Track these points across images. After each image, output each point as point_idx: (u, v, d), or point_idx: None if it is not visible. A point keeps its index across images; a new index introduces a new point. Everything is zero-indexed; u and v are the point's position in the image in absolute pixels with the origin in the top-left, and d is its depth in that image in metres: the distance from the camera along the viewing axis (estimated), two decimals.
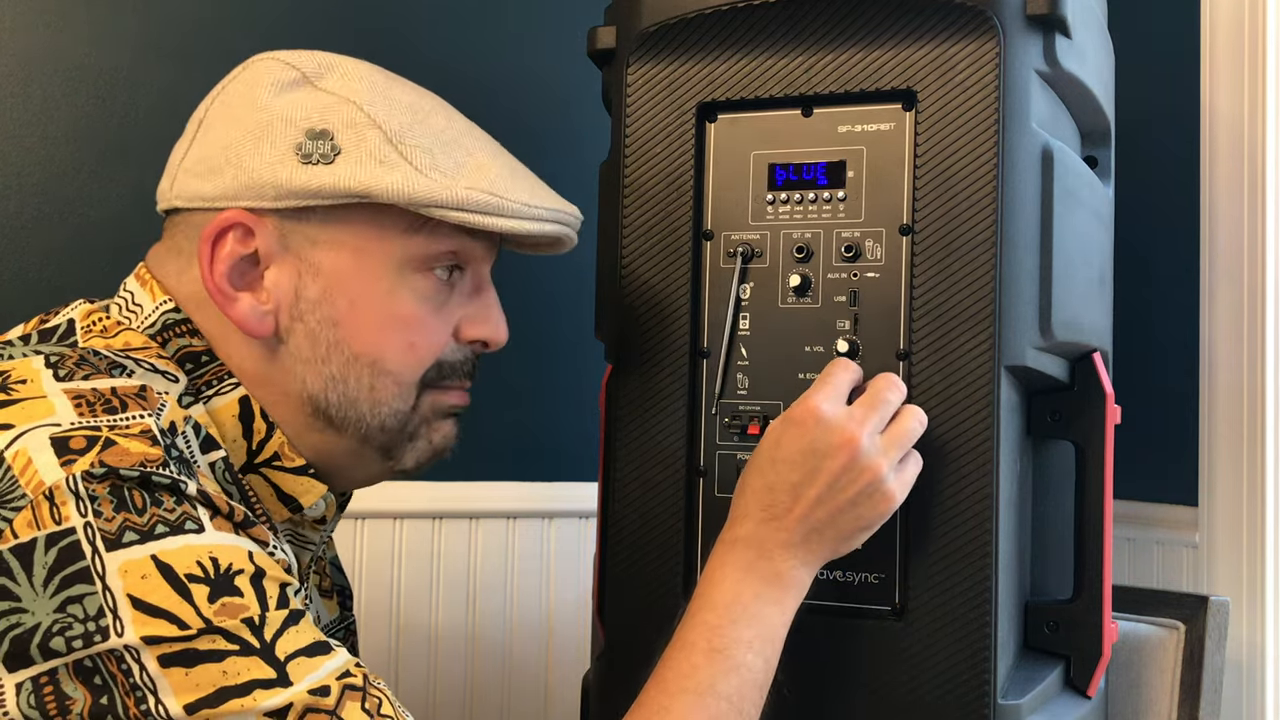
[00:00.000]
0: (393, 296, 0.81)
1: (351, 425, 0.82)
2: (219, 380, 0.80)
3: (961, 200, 0.88)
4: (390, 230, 0.81)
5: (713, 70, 0.96)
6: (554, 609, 1.54)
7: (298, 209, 0.79)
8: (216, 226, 0.79)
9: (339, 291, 0.80)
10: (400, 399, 0.83)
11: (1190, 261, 1.46)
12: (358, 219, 0.80)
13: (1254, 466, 1.36)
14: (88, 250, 1.31)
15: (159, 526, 0.65)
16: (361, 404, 0.82)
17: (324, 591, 0.99)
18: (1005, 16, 0.89)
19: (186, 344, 0.80)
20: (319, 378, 0.81)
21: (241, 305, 0.80)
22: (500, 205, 0.80)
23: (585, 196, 0.98)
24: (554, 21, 1.56)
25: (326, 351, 0.81)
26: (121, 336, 0.79)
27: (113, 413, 0.69)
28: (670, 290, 0.96)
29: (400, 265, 0.81)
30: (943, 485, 0.88)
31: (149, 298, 0.81)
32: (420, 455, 0.86)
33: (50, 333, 0.79)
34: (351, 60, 0.84)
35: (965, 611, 0.87)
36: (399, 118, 0.81)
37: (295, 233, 0.80)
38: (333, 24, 1.44)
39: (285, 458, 0.82)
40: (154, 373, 0.76)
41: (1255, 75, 1.39)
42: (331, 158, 0.79)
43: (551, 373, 1.56)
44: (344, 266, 0.80)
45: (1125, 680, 1.18)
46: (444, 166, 0.80)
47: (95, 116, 1.33)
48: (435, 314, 0.83)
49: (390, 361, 0.82)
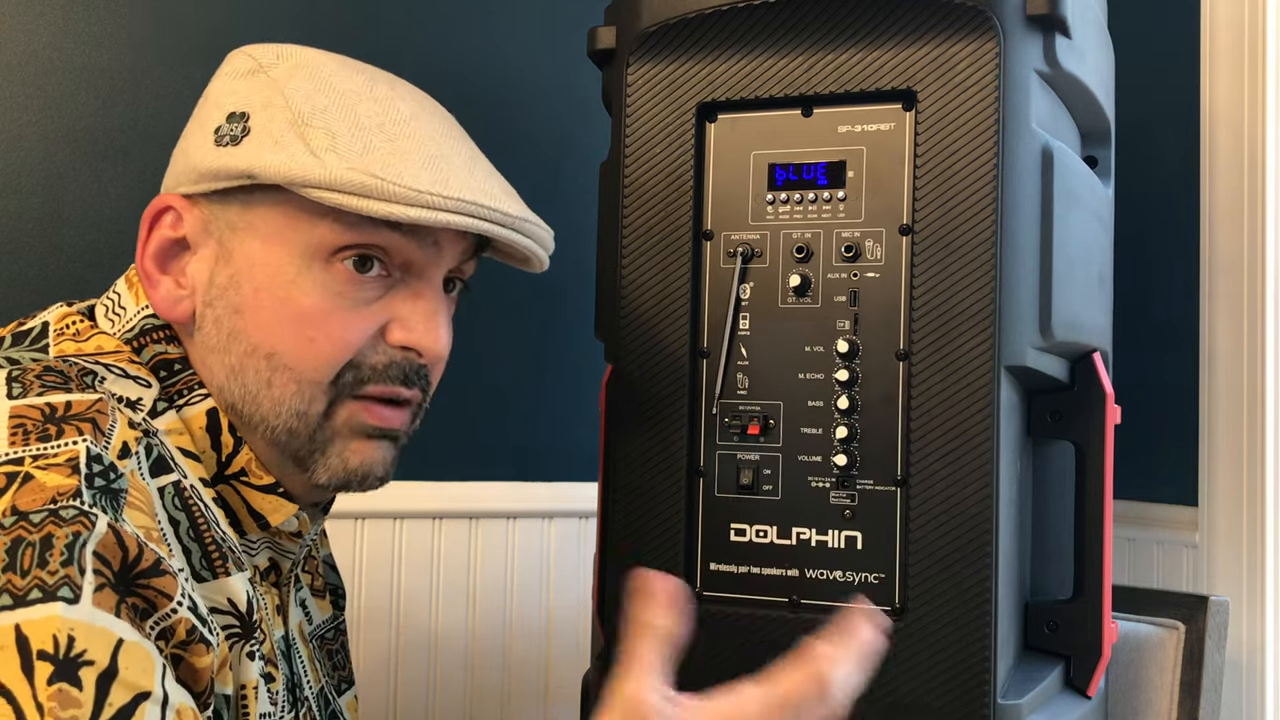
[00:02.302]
0: (294, 287, 0.77)
1: (259, 427, 0.78)
2: (189, 390, 0.78)
3: (961, 200, 0.88)
4: (299, 219, 0.77)
5: (713, 70, 0.96)
6: (554, 609, 1.54)
7: (221, 194, 0.78)
8: (152, 210, 0.80)
9: (245, 278, 0.77)
10: (300, 399, 0.77)
11: (1190, 261, 1.47)
12: (270, 204, 0.77)
13: (1254, 466, 1.36)
14: (88, 250, 1.31)
15: (34, 592, 0.59)
16: (262, 401, 0.77)
17: (316, 591, 0.98)
18: (1005, 16, 0.89)
19: (162, 350, 0.79)
20: (222, 369, 0.78)
21: (161, 288, 0.79)
22: (379, 188, 0.73)
23: (585, 196, 0.98)
24: (554, 21, 1.56)
25: (227, 340, 0.77)
26: (93, 340, 0.78)
27: (46, 440, 0.66)
28: (670, 290, 0.96)
29: (305, 255, 0.77)
30: (943, 485, 0.88)
31: (133, 301, 0.81)
32: (333, 473, 0.79)
33: (24, 335, 0.78)
34: (313, 51, 0.82)
35: (965, 611, 0.87)
36: (316, 101, 0.78)
37: (218, 218, 0.78)
38: (333, 24, 1.44)
39: (253, 474, 0.79)
40: (125, 378, 0.75)
41: (1255, 75, 1.39)
42: (240, 139, 0.77)
43: (551, 373, 1.56)
44: (253, 253, 0.77)
45: (1125, 680, 1.18)
46: (344, 149, 0.75)
47: (95, 116, 1.33)
48: (347, 310, 0.77)
49: (287, 355, 0.77)
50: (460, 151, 0.81)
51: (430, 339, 0.80)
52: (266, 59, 0.81)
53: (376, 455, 0.81)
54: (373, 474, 0.81)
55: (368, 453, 0.80)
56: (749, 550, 0.94)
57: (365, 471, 0.80)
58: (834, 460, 0.92)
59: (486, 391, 1.52)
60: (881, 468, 0.91)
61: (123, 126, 1.33)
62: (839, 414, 0.92)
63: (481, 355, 1.50)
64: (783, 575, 0.93)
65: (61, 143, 1.31)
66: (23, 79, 1.30)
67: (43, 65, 1.31)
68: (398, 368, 0.80)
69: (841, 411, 0.92)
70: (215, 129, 0.78)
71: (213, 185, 0.78)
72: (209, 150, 0.78)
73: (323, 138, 0.76)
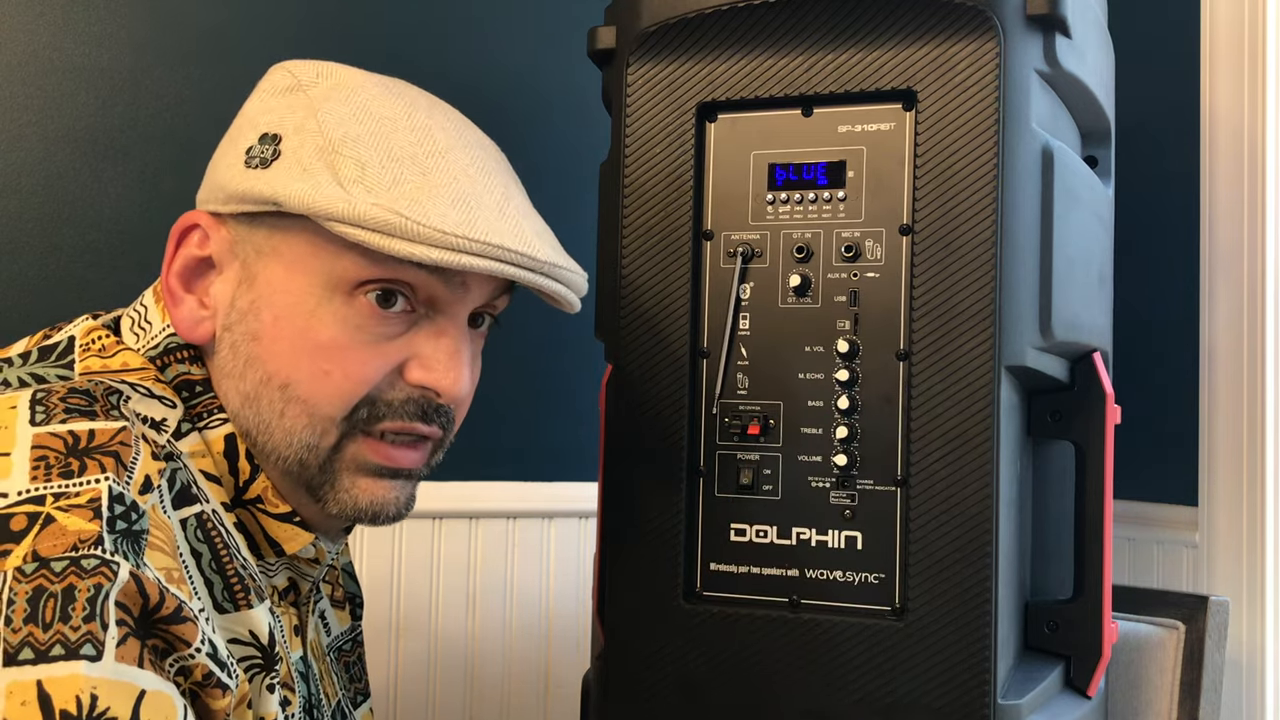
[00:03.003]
0: (314, 318, 0.75)
1: (271, 456, 0.76)
2: (209, 413, 0.77)
3: (961, 200, 0.88)
4: (323, 250, 0.75)
5: (713, 70, 0.96)
6: (554, 609, 1.54)
7: (250, 216, 0.77)
8: (180, 227, 0.78)
9: (265, 305, 0.76)
10: (312, 432, 0.76)
11: (1190, 261, 1.47)
12: (296, 232, 0.75)
13: (1254, 466, 1.36)
14: (88, 250, 1.31)
15: (56, 648, 0.59)
16: (274, 431, 0.76)
17: (336, 602, 0.97)
18: (1005, 16, 0.89)
19: (185, 371, 0.78)
20: (237, 395, 0.77)
21: (184, 307, 0.78)
22: (404, 227, 0.71)
23: (585, 197, 0.98)
24: (554, 22, 1.57)
25: (244, 367, 0.76)
26: (119, 357, 0.77)
27: (68, 476, 0.65)
28: (670, 290, 0.96)
29: (328, 286, 0.75)
30: (943, 485, 0.88)
31: (159, 317, 0.79)
32: (344, 507, 0.78)
33: (50, 350, 0.77)
34: (354, 71, 0.81)
35: (965, 611, 0.87)
36: (349, 128, 0.76)
37: (244, 241, 0.77)
38: (333, 24, 1.44)
39: (269, 502, 0.78)
40: (150, 398, 0.74)
41: (1255, 75, 1.39)
42: (270, 162, 0.75)
43: (551, 373, 1.56)
44: (275, 280, 0.76)
45: (1125, 680, 1.18)
46: (372, 182, 0.73)
47: (95, 116, 1.33)
48: (366, 345, 0.76)
49: (301, 387, 0.75)
50: (494, 189, 0.78)
51: (449, 380, 0.78)
52: (306, 77, 0.79)
53: (389, 495, 0.79)
54: (384, 513, 0.79)
55: (378, 492, 0.78)
56: (749, 550, 0.94)
57: (375, 511, 0.79)
58: (834, 460, 0.92)
59: (486, 391, 1.52)
60: (881, 468, 0.91)
61: (123, 126, 1.33)
62: (839, 414, 0.92)
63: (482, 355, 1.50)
64: (783, 575, 0.93)
65: (61, 143, 1.31)
66: (23, 79, 1.30)
67: (43, 65, 1.31)
68: (415, 404, 0.78)
69: (841, 411, 0.92)
70: (247, 149, 0.77)
71: (240, 208, 0.76)
72: (239, 171, 0.77)
73: (352, 168, 0.74)
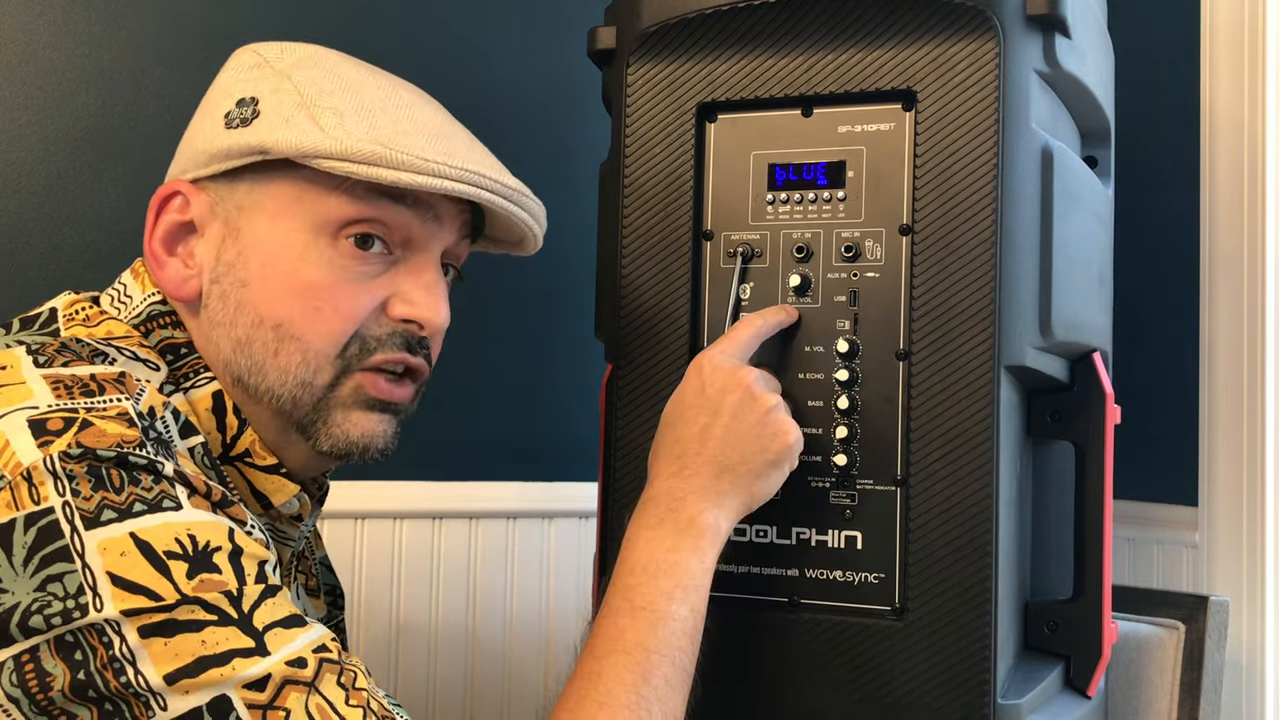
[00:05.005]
0: (303, 260, 0.80)
1: (264, 396, 0.80)
2: (195, 373, 0.81)
3: (961, 200, 0.88)
4: (308, 194, 0.80)
5: (713, 70, 0.96)
6: (554, 609, 1.54)
7: (230, 175, 0.81)
8: (159, 196, 0.83)
9: (253, 254, 0.80)
10: (306, 368, 0.80)
11: (1190, 261, 1.47)
12: (279, 182, 0.80)
13: (1254, 466, 1.36)
14: (88, 250, 1.31)
15: (137, 504, 0.65)
16: (269, 371, 0.80)
17: (310, 590, 0.99)
18: (1005, 16, 0.89)
19: (169, 335, 0.81)
20: (229, 342, 0.80)
21: (169, 269, 0.82)
22: (388, 156, 0.77)
23: (585, 196, 0.98)
24: (554, 22, 1.56)
25: (234, 313, 0.80)
26: (104, 325, 0.80)
27: (90, 396, 0.69)
28: (670, 290, 0.96)
29: (313, 229, 0.80)
30: (943, 485, 0.88)
31: (139, 289, 0.83)
32: (335, 442, 0.82)
33: (32, 320, 0.80)
34: (315, 46, 0.86)
35: (965, 611, 0.87)
36: (322, 85, 0.81)
37: (226, 200, 0.81)
38: (333, 24, 1.44)
39: (256, 455, 0.81)
40: (135, 360, 0.77)
41: (1255, 75, 1.39)
42: (250, 121, 0.80)
43: (551, 373, 1.56)
44: (261, 230, 0.80)
45: (1125, 680, 1.18)
46: (350, 126, 0.79)
47: (95, 116, 1.33)
48: (352, 284, 0.80)
49: (295, 326, 0.79)
50: (460, 132, 0.85)
51: (431, 311, 0.82)
52: (271, 54, 0.84)
53: (378, 428, 0.83)
54: (373, 446, 0.83)
55: (368, 425, 0.82)
56: (749, 550, 0.94)
57: (366, 443, 0.82)
58: (834, 460, 0.92)
59: (487, 391, 1.52)
60: (881, 468, 0.91)
61: (123, 126, 1.33)
62: (839, 414, 0.92)
63: (482, 355, 1.50)
64: (783, 575, 0.93)
65: (61, 143, 1.31)
66: (23, 79, 1.30)
67: (43, 65, 1.31)
68: (400, 337, 0.82)
69: (841, 411, 0.92)
70: (225, 114, 0.81)
71: (223, 165, 0.81)
72: (219, 133, 0.81)
73: (331, 116, 0.79)
